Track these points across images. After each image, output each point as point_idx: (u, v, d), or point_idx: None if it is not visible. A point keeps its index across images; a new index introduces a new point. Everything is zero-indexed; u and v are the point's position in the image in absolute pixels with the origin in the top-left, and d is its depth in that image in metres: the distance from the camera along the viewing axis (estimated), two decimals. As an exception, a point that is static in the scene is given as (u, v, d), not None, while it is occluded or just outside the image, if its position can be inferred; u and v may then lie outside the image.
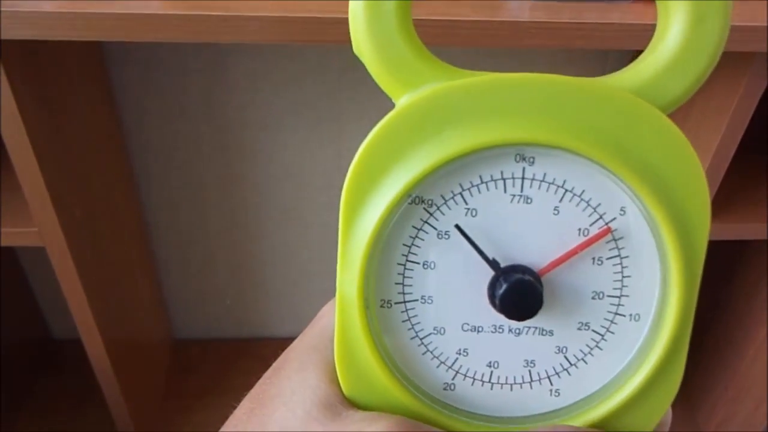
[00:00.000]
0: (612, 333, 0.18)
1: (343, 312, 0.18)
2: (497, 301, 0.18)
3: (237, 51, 0.77)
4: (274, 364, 0.20)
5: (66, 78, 0.65)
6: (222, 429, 0.19)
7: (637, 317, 0.18)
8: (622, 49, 0.59)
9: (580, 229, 0.18)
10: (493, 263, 0.18)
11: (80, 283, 0.64)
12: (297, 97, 0.79)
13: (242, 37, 0.45)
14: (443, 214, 0.18)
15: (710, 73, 0.17)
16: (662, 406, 0.18)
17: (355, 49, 0.17)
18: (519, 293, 0.17)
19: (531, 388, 0.19)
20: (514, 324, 0.18)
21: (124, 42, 0.75)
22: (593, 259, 0.18)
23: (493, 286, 0.18)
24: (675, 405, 0.19)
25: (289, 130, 0.83)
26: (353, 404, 0.18)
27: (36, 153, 0.54)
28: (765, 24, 0.47)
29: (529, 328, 0.18)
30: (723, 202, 0.68)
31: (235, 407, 0.20)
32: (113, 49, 0.75)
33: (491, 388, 0.19)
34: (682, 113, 0.63)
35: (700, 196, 0.17)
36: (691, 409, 0.98)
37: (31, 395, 0.93)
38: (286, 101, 0.80)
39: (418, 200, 0.17)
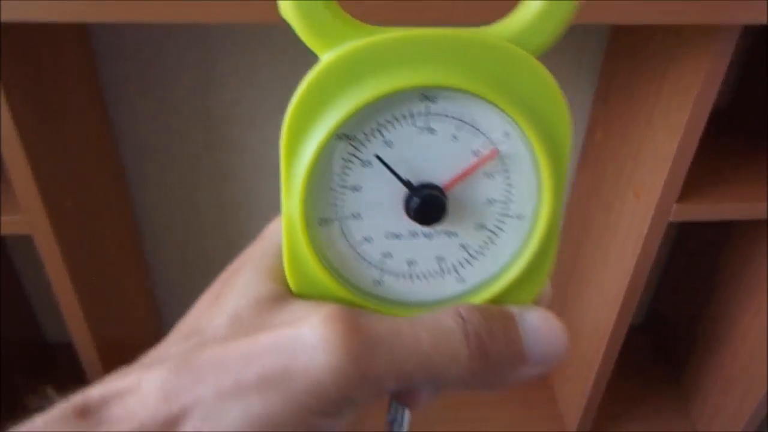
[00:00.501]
0: (502, 230, 0.23)
1: (289, 229, 0.22)
2: (411, 213, 0.22)
3: (225, 47, 0.77)
4: (229, 268, 0.24)
5: (56, 72, 0.65)
6: (183, 319, 0.24)
7: (520, 217, 0.23)
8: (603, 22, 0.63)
9: (473, 151, 0.22)
10: (407, 183, 0.22)
11: (68, 275, 0.65)
12: (286, 93, 0.80)
13: (223, 18, 0.45)
14: (365, 146, 0.22)
15: (570, 24, 0.21)
16: (540, 284, 0.24)
17: (282, 15, 0.20)
18: (428, 205, 0.22)
19: (442, 278, 0.24)
20: (426, 229, 0.23)
21: (115, 37, 0.74)
22: (485, 174, 0.23)
23: (408, 201, 0.22)
24: (667, 401, 0.23)
25: (278, 127, 0.85)
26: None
27: (24, 143, 0.55)
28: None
29: (438, 231, 0.23)
30: (713, 183, 0.71)
31: None
32: (104, 44, 0.75)
33: (411, 281, 0.24)
34: (654, 94, 0.67)
35: (562, 120, 0.22)
36: (686, 401, 1.02)
37: (26, 400, 0.93)
38: (274, 97, 0.81)
39: (344, 137, 0.22)
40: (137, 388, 0.21)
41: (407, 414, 0.27)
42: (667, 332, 1.12)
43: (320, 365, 0.20)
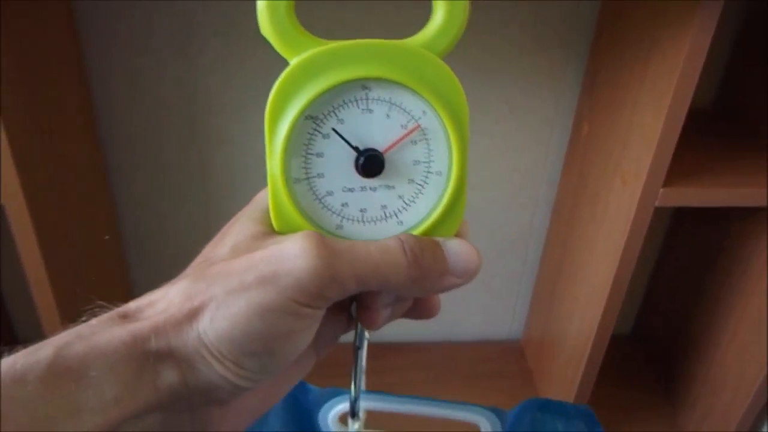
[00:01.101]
0: (427, 183, 0.32)
1: (272, 186, 0.31)
2: (360, 169, 0.31)
3: (208, 36, 0.82)
4: (231, 221, 0.33)
5: (41, 51, 0.68)
6: (193, 262, 0.32)
7: (439, 173, 0.32)
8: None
9: (402, 125, 0.31)
10: (356, 149, 0.31)
11: (40, 250, 0.66)
12: (268, 83, 0.85)
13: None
14: (324, 123, 0.31)
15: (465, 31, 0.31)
16: (457, 221, 0.32)
17: (262, 32, 0.30)
18: (370, 161, 0.31)
19: (386, 222, 0.33)
20: (372, 183, 0.32)
21: (102, 22, 0.77)
22: (411, 141, 0.31)
23: (357, 161, 0.31)
24: (654, 407, 0.29)
25: (261, 117, 0.90)
26: None
27: (2, 114, 0.57)
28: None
29: (381, 185, 0.32)
30: (700, 170, 0.74)
31: None
32: (90, 29, 0.80)
33: (363, 225, 0.33)
34: (639, 79, 0.72)
35: (461, 101, 0.31)
36: (673, 407, 1.04)
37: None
38: (259, 88, 0.84)
39: (309, 117, 0.31)
40: (164, 296, 0.29)
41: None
42: (654, 341, 1.16)
43: (300, 268, 0.28)
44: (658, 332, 1.15)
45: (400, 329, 1.11)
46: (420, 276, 0.30)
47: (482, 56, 0.89)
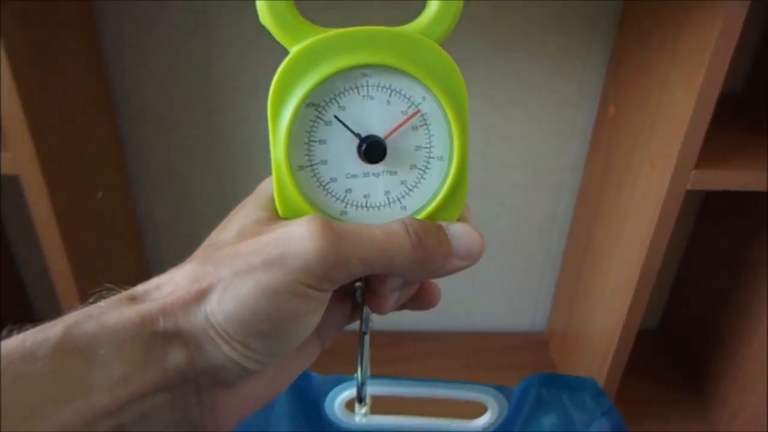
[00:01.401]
0: (429, 168, 0.32)
1: (277, 172, 0.32)
2: (362, 155, 0.32)
3: (226, 13, 0.81)
4: (235, 209, 0.34)
5: (56, 22, 0.69)
6: (200, 247, 0.33)
7: (441, 158, 0.32)
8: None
9: (402, 111, 0.31)
10: (358, 135, 0.32)
11: (56, 222, 0.66)
12: (282, 61, 0.85)
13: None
14: (326, 110, 0.31)
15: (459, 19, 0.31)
16: (459, 206, 0.33)
17: (262, 22, 0.31)
18: (373, 147, 0.31)
19: (390, 207, 0.33)
20: (375, 169, 0.32)
21: (114, 1, 0.76)
22: (412, 127, 0.32)
23: (359, 148, 0.32)
24: (684, 402, 0.28)
25: None
26: None
27: (17, 83, 0.57)
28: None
29: (384, 171, 0.32)
30: (732, 153, 0.70)
31: None
32: (103, 9, 0.80)
33: (367, 210, 0.33)
34: (668, 57, 0.69)
35: (460, 85, 0.31)
36: (704, 402, 1.02)
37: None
38: (272, 65, 0.85)
39: (310, 104, 0.31)
40: (171, 279, 0.30)
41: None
42: (682, 336, 1.13)
43: (306, 250, 0.29)
44: (687, 326, 1.12)
45: (421, 318, 1.11)
46: (424, 258, 0.31)
47: (504, 35, 0.85)
